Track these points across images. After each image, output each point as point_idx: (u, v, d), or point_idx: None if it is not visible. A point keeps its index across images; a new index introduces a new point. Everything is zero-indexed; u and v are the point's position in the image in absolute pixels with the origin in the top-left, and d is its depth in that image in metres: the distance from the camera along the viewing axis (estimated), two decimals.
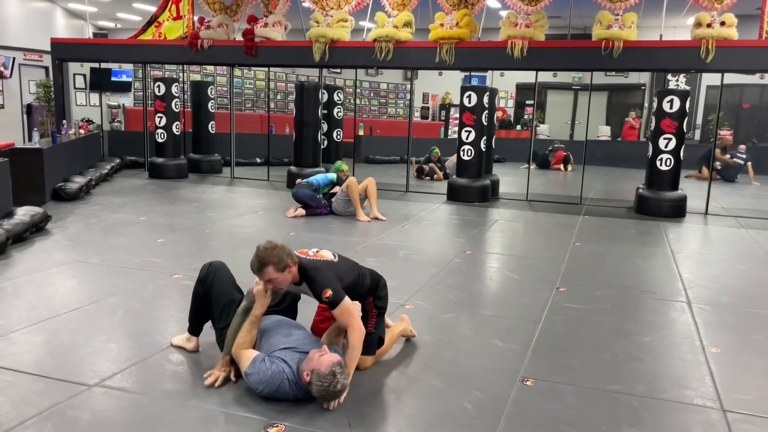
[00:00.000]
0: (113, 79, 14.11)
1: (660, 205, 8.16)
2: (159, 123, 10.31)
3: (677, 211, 8.16)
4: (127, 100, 14.58)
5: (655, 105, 8.53)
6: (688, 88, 19.14)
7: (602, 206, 8.94)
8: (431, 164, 12.33)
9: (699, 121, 19.41)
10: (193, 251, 5.47)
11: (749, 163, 12.71)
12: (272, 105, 16.66)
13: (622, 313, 4.24)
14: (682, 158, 8.15)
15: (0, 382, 2.84)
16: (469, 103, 8.76)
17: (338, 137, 11.09)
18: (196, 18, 10.82)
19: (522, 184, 9.76)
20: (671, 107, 7.97)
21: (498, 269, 5.23)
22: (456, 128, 19.68)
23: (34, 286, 4.31)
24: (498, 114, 21.09)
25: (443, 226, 7.18)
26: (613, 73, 18.59)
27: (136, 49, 10.90)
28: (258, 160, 13.13)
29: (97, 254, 5.19)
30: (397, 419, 2.66)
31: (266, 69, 12.07)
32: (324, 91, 10.42)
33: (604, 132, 20.12)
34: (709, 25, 8.06)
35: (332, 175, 7.78)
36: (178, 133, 10.48)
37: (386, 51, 9.35)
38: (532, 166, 14.73)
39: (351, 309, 2.91)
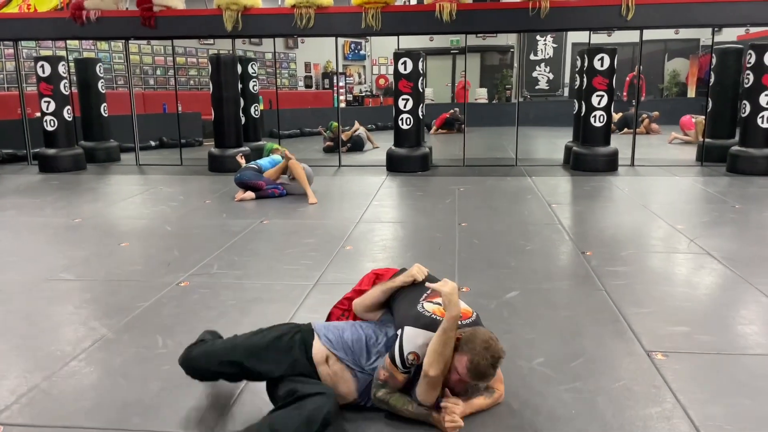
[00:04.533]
0: None
1: (596, 160, 8.48)
2: (47, 109, 8.97)
3: (611, 165, 8.53)
4: None
5: (579, 63, 8.79)
6: (555, 45, 20.41)
7: (537, 166, 9.13)
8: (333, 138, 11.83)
9: (567, 79, 20.50)
10: (175, 253, 4.77)
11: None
12: (152, 81, 15.29)
13: (667, 273, 4.29)
14: (613, 114, 8.51)
15: None
16: (405, 69, 8.48)
17: (256, 113, 10.35)
18: None
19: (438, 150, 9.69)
20: (602, 65, 8.24)
21: (509, 238, 5.09)
22: (342, 97, 19.42)
23: (22, 318, 3.50)
24: (380, 81, 21.04)
25: (411, 200, 6.91)
26: (483, 35, 19.09)
27: (3, 24, 9.35)
28: (152, 144, 12.00)
29: (64, 269, 4.36)
30: (587, 423, 2.42)
31: (170, 42, 10.84)
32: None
33: (481, 94, 20.62)
34: None
35: (276, 157, 7.26)
36: (70, 119, 9.20)
37: (307, 18, 8.78)
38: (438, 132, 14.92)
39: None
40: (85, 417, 2.45)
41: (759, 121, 7.94)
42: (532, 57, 20.45)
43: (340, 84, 19.47)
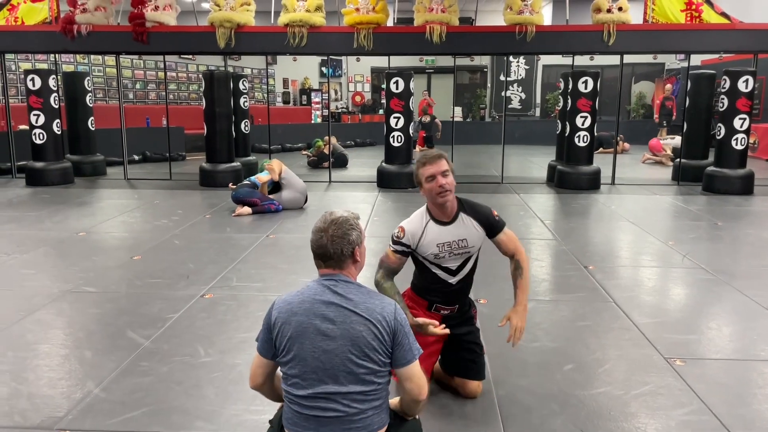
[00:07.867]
0: None
1: (579, 178, 8.80)
2: (36, 122, 8.92)
3: (594, 183, 8.86)
4: None
5: (563, 86, 9.14)
6: (527, 67, 20.95)
7: (522, 183, 9.42)
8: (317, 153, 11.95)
9: (538, 99, 21.03)
10: (190, 266, 4.84)
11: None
12: (131, 95, 15.21)
13: (667, 285, 4.55)
14: (596, 134, 8.86)
15: None
16: (397, 89, 8.70)
17: (246, 128, 10.43)
18: None
19: None
20: (586, 87, 8.59)
21: None
22: (318, 112, 19.56)
23: (56, 328, 3.55)
24: (357, 99, 21.25)
25: (409, 215, 7.07)
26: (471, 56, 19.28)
27: None
28: (136, 158, 11.96)
29: (84, 281, 4.40)
30: (624, 422, 2.61)
31: (162, 57, 10.86)
32: None
33: (456, 113, 20.99)
34: (608, 11, 8.78)
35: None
36: (59, 133, 9.15)
37: (300, 36, 8.94)
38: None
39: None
40: (150, 420, 2.54)
41: (733, 143, 8.38)
42: (507, 78, 20.89)
43: (317, 100, 19.68)
